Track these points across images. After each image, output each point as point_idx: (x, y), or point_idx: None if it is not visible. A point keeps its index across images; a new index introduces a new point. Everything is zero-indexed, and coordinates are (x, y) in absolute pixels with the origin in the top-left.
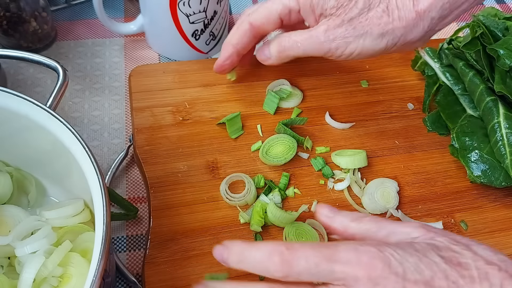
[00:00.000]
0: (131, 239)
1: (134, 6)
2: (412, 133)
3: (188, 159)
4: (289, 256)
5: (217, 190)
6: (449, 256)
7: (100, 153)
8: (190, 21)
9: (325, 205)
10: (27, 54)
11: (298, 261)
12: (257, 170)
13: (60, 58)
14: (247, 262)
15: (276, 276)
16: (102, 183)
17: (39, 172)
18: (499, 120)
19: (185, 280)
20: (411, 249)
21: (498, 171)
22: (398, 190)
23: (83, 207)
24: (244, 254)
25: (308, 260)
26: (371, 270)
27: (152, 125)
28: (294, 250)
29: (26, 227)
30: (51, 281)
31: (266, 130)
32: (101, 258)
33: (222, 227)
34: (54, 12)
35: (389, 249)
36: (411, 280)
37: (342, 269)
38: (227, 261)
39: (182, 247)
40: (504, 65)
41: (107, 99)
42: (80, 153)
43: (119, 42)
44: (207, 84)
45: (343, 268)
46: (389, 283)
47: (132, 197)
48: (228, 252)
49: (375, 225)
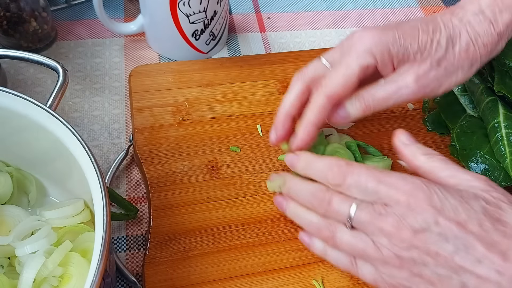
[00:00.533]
0: (131, 239)
1: (134, 6)
2: (412, 133)
3: (188, 159)
4: (346, 169)
5: (217, 190)
6: (492, 210)
7: (100, 153)
8: (190, 21)
9: (405, 132)
10: (27, 54)
11: (352, 175)
12: (258, 170)
13: (60, 58)
14: (312, 168)
15: (330, 183)
16: (102, 183)
17: (39, 172)
18: (498, 120)
19: (185, 280)
20: (456, 194)
21: (498, 171)
22: None
23: (83, 207)
24: (310, 162)
25: (360, 176)
26: (411, 197)
27: (152, 125)
28: (351, 167)
29: (26, 227)
30: (51, 281)
31: (266, 130)
32: (101, 258)
33: (222, 227)
34: (54, 12)
35: (435, 186)
36: (445, 216)
37: (386, 191)
38: (296, 165)
39: (182, 247)
40: (503, 65)
41: (107, 99)
42: (80, 153)
43: (119, 42)
44: (207, 84)
45: (388, 190)
46: (424, 212)
47: (132, 197)
48: (298, 159)
49: (442, 165)
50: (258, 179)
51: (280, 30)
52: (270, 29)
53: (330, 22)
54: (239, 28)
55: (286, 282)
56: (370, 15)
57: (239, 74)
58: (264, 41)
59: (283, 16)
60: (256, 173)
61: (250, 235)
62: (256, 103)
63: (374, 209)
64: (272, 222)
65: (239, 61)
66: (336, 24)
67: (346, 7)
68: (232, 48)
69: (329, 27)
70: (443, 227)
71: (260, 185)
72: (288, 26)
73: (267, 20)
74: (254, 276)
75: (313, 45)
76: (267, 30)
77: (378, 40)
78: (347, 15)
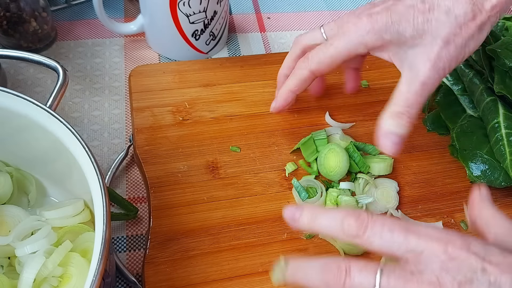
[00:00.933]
0: (131, 239)
1: (134, 6)
2: (412, 133)
3: (188, 159)
4: (365, 219)
5: (217, 190)
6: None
7: (100, 153)
8: (190, 21)
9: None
10: (27, 54)
11: (374, 224)
12: (257, 170)
13: (60, 58)
14: (319, 221)
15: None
16: (102, 183)
17: (39, 172)
18: (498, 120)
19: (185, 280)
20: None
21: (497, 171)
22: (398, 190)
23: (83, 207)
24: (317, 214)
25: (384, 226)
26: (449, 244)
27: (152, 125)
28: (372, 216)
29: (26, 227)
30: (51, 281)
31: (266, 130)
32: (101, 258)
33: (222, 227)
34: (54, 12)
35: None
36: (491, 262)
37: (417, 241)
38: (299, 220)
39: (182, 247)
40: (503, 65)
41: (107, 99)
42: (80, 153)
43: (119, 42)
44: (207, 84)
45: (418, 239)
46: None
47: (132, 197)
48: (300, 211)
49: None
50: (258, 179)
51: (280, 30)
52: (270, 29)
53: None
54: (239, 28)
55: None
56: None
57: (239, 74)
58: (264, 41)
59: (283, 16)
60: (256, 173)
61: (250, 235)
62: (256, 103)
63: (405, 269)
64: (272, 222)
65: (239, 61)
66: None
67: (346, 7)
68: (232, 48)
69: None
70: (492, 273)
71: (260, 185)
72: (288, 26)
73: (267, 20)
74: (254, 276)
75: None
76: (267, 30)
77: (371, 29)
78: None
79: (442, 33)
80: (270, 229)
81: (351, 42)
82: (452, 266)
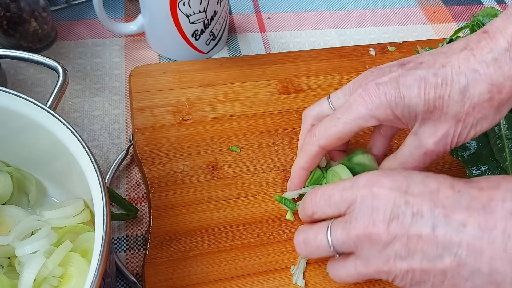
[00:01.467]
0: (131, 239)
1: (134, 6)
2: None
3: (188, 159)
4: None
5: (217, 190)
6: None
7: (100, 153)
8: (190, 21)
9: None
10: (27, 54)
11: (316, 196)
12: (258, 170)
13: (60, 58)
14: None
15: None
16: (102, 183)
17: (39, 172)
18: None
19: (185, 280)
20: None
21: (497, 172)
22: None
23: (83, 207)
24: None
25: (324, 193)
26: (374, 185)
27: (152, 125)
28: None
29: (26, 227)
30: (51, 281)
31: (266, 130)
32: (101, 258)
33: (222, 227)
34: (54, 12)
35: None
36: (413, 193)
37: (351, 193)
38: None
39: (182, 247)
40: None
41: (107, 99)
42: (80, 153)
43: (119, 42)
44: (207, 84)
45: (352, 191)
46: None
47: (132, 197)
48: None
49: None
50: (258, 179)
51: (280, 30)
52: (270, 29)
53: (330, 22)
54: (239, 28)
55: (286, 282)
56: (370, 15)
57: (239, 74)
58: (264, 41)
59: (283, 16)
60: (256, 173)
61: (250, 235)
62: (256, 103)
63: (345, 220)
64: (272, 222)
65: (239, 61)
66: (336, 24)
67: (346, 7)
68: (232, 48)
69: (329, 27)
70: (415, 204)
71: (260, 185)
72: (288, 26)
73: (267, 20)
74: (254, 276)
75: (313, 45)
76: (267, 30)
77: (379, 103)
78: (347, 15)
79: (453, 112)
80: (270, 229)
81: (360, 116)
82: (378, 204)
